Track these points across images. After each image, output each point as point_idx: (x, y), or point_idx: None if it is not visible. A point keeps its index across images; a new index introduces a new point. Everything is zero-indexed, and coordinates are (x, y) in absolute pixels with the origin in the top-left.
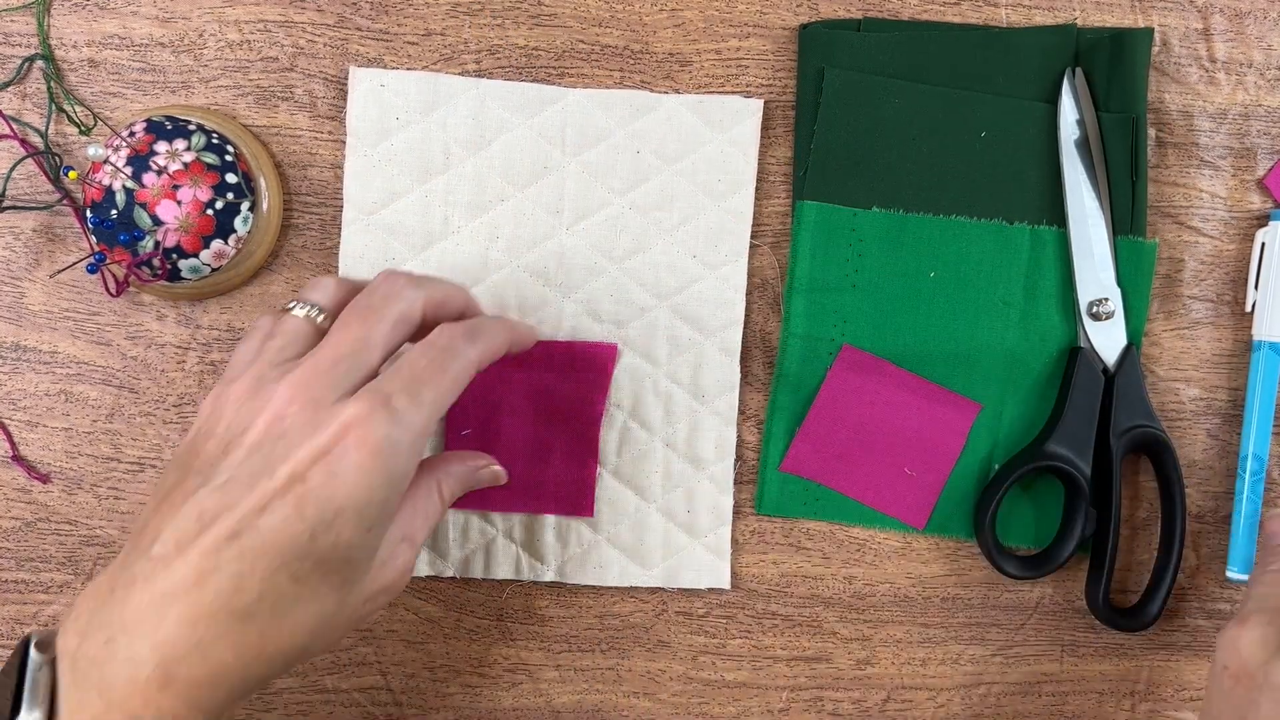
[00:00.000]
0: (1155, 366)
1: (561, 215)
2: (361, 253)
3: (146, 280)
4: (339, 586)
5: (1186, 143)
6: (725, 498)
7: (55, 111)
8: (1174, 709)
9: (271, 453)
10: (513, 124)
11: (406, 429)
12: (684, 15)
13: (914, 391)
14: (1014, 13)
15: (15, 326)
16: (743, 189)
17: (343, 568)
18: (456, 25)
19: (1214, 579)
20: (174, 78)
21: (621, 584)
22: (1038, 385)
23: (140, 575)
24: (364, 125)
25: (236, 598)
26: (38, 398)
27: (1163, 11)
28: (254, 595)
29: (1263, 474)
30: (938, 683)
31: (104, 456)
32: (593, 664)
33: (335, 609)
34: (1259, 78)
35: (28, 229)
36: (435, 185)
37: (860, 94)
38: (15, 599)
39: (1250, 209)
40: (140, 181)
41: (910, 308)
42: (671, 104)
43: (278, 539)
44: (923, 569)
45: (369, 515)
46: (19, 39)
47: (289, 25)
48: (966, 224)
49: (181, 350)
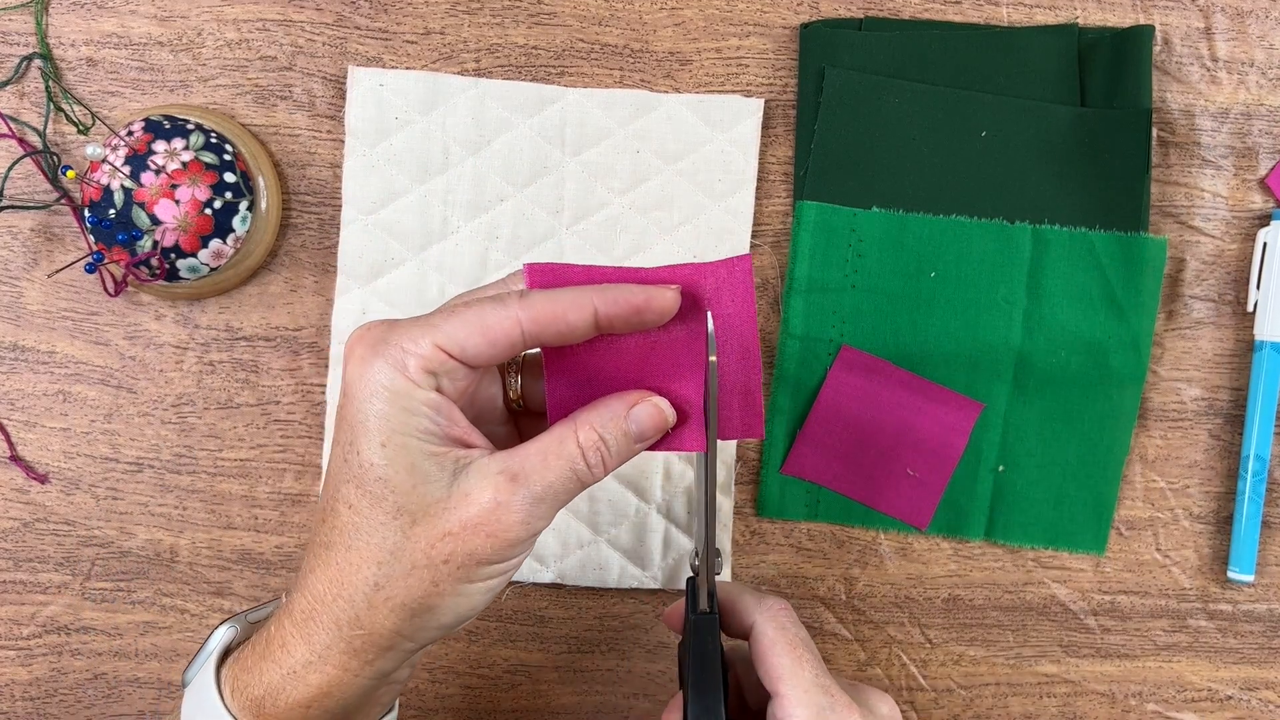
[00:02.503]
0: (1157, 366)
1: (561, 215)
2: (360, 253)
3: (145, 280)
4: (393, 514)
5: (1188, 142)
6: (726, 499)
7: (53, 111)
8: (1175, 709)
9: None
10: (512, 123)
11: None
12: (684, 14)
13: (915, 391)
14: (1015, 11)
15: (13, 326)
16: (743, 189)
17: (383, 490)
18: (456, 24)
19: (1215, 579)
20: (172, 77)
21: (621, 585)
22: (1044, 385)
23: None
24: (363, 125)
25: (321, 529)
26: (36, 398)
27: (1164, 10)
28: (329, 524)
29: (1264, 474)
30: (939, 683)
31: (102, 456)
32: (593, 665)
33: (397, 540)
34: (1261, 77)
35: (26, 228)
36: (434, 185)
37: (861, 93)
38: (14, 599)
39: (1252, 208)
40: (138, 181)
41: (910, 308)
42: (672, 103)
43: (333, 467)
44: (923, 570)
45: (373, 429)
46: (17, 38)
47: (288, 24)
48: (967, 223)
49: (180, 350)
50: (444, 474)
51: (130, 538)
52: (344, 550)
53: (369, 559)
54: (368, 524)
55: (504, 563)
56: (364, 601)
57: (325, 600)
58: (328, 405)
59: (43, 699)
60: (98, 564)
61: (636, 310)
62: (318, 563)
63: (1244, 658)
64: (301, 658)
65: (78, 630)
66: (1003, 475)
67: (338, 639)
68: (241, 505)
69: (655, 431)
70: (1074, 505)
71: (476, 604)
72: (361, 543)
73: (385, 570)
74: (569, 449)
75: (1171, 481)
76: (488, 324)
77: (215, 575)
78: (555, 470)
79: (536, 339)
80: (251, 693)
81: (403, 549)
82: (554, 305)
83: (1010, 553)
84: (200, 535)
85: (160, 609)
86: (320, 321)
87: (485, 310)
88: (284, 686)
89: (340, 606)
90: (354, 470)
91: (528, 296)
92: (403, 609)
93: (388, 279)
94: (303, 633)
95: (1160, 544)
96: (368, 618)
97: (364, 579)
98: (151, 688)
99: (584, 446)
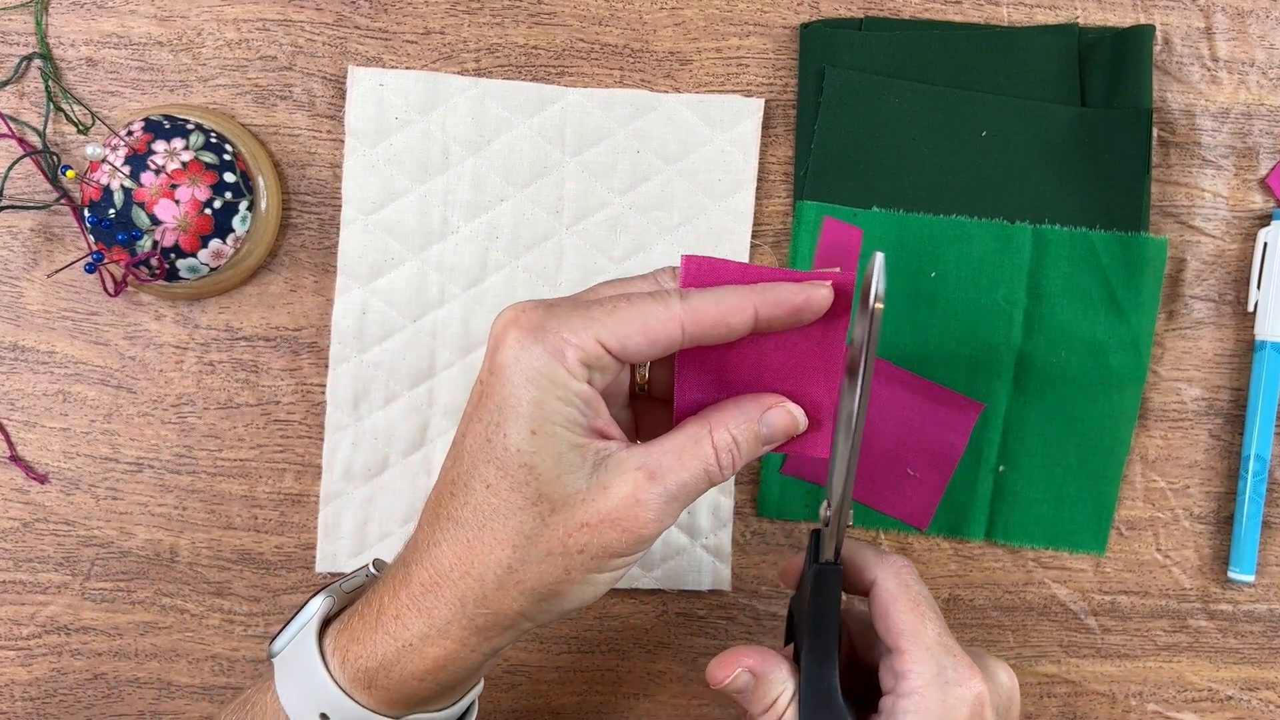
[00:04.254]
0: (1157, 366)
1: (561, 215)
2: (360, 253)
3: (145, 280)
4: (533, 500)
5: (1188, 142)
6: (726, 499)
7: (53, 110)
8: (1175, 709)
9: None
10: (512, 123)
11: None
12: (684, 14)
13: (915, 391)
14: (1015, 11)
15: (13, 326)
16: (743, 189)
17: (527, 477)
18: (455, 24)
19: (1216, 579)
20: (172, 77)
21: (621, 585)
22: (1044, 385)
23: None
24: (363, 124)
25: (450, 504)
26: (35, 398)
27: (1165, 10)
28: (460, 500)
29: (1265, 474)
30: None
31: (102, 457)
32: (592, 665)
33: (535, 526)
34: (1261, 77)
35: (25, 228)
36: (434, 185)
37: (861, 93)
38: (13, 599)
39: (1252, 208)
40: (138, 181)
41: (910, 308)
42: (672, 103)
43: (470, 443)
44: (924, 570)
45: (525, 415)
46: (17, 38)
47: (287, 24)
48: (967, 223)
49: (180, 350)
50: (585, 465)
51: (130, 538)
52: (477, 529)
53: (504, 541)
54: (506, 507)
55: (632, 555)
56: (494, 582)
57: (451, 577)
58: (328, 405)
59: (43, 699)
60: (97, 564)
61: (796, 310)
62: (445, 538)
63: (1244, 658)
64: (419, 631)
65: (78, 630)
66: (1003, 475)
67: (460, 615)
68: (241, 505)
69: (785, 436)
70: (1074, 505)
71: (599, 592)
72: (498, 524)
73: (520, 554)
74: (704, 449)
75: (1172, 481)
76: (650, 324)
77: (215, 575)
78: (690, 469)
79: (695, 340)
80: (363, 664)
81: (540, 535)
82: (718, 308)
83: (1010, 553)
84: (200, 535)
85: (160, 609)
86: (320, 321)
87: (648, 309)
88: (399, 659)
89: (468, 584)
90: (497, 452)
91: (690, 298)
92: (531, 594)
93: (388, 279)
94: (420, 606)
95: (1160, 544)
96: (495, 598)
97: (497, 560)
98: (151, 688)
99: (718, 447)
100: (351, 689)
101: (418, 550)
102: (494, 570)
